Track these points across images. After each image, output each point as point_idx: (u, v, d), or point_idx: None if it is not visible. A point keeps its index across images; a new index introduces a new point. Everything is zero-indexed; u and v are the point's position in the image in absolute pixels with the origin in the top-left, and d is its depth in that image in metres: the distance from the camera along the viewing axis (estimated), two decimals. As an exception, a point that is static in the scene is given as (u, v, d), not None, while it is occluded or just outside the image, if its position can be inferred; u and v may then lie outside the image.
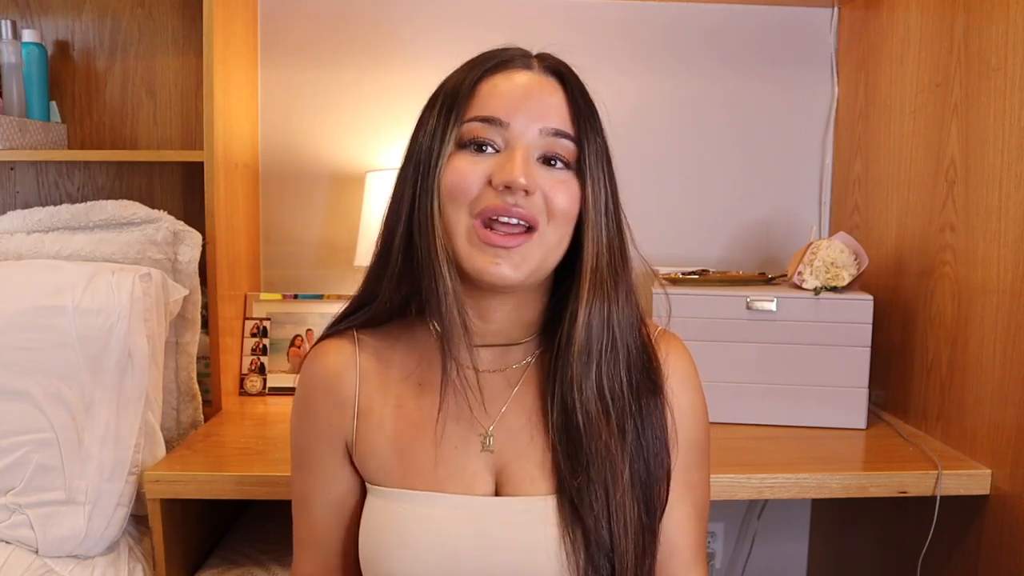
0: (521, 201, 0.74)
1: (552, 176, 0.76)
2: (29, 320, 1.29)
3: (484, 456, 0.81)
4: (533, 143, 0.76)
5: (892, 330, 1.58)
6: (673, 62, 1.85)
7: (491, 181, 0.74)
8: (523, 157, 0.74)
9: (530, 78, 0.78)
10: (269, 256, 1.85)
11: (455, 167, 0.76)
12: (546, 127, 0.76)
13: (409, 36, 1.81)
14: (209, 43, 1.50)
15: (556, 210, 0.76)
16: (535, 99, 0.76)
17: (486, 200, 0.75)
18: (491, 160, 0.75)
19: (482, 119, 0.76)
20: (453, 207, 0.76)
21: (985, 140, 1.30)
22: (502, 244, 0.74)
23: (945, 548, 1.37)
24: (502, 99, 0.76)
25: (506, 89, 0.77)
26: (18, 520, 1.22)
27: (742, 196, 1.89)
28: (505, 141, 0.76)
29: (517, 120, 0.75)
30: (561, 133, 0.76)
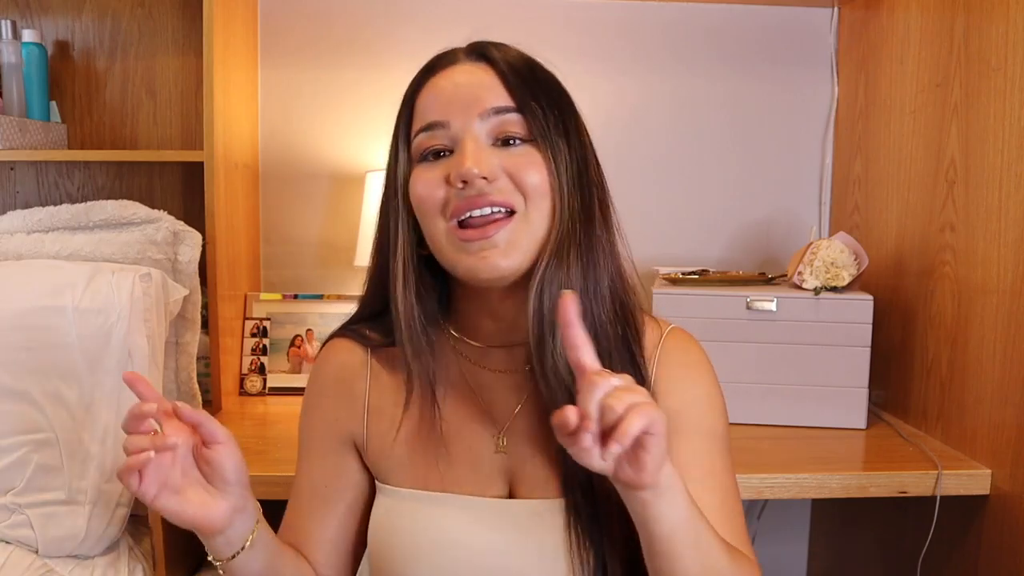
0: (485, 189, 0.73)
1: (511, 154, 0.75)
2: (29, 320, 1.29)
3: (498, 458, 0.81)
4: (479, 130, 0.75)
5: (892, 330, 1.58)
6: (673, 62, 1.85)
7: (449, 179, 0.74)
8: (472, 147, 0.74)
9: (456, 72, 0.78)
10: (269, 256, 1.85)
11: (418, 180, 0.77)
12: (484, 110, 0.75)
13: (409, 36, 1.81)
14: (209, 43, 1.50)
15: (528, 186, 0.74)
16: (465, 89, 0.76)
17: (453, 201, 0.74)
18: (447, 161, 0.76)
19: (424, 128, 0.77)
20: (428, 219, 0.76)
21: (985, 140, 1.30)
22: (480, 236, 0.73)
23: (945, 548, 1.37)
24: (436, 102, 0.77)
25: (437, 91, 0.77)
26: (18, 520, 1.22)
27: (742, 196, 1.89)
28: (452, 140, 0.76)
29: (454, 115, 0.75)
30: (502, 109, 0.75)
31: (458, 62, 0.79)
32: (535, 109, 0.75)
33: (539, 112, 0.75)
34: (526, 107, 0.75)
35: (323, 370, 0.87)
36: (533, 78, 0.78)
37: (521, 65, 0.78)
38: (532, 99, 0.76)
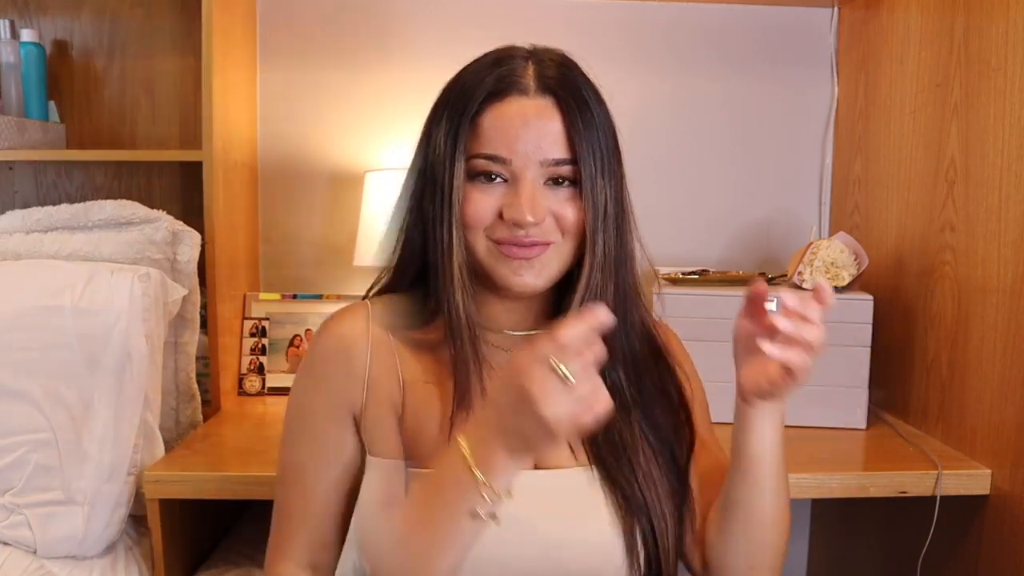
0: (532, 231, 0.80)
1: (558, 196, 0.82)
2: (28, 320, 1.29)
3: None
4: (536, 173, 0.81)
5: (892, 330, 1.58)
6: (673, 62, 1.85)
7: (502, 215, 0.81)
8: (528, 192, 0.80)
9: (525, 106, 0.81)
10: (268, 256, 1.85)
11: (471, 199, 0.82)
12: (545, 159, 0.80)
13: (408, 36, 1.81)
14: (208, 43, 1.50)
15: (568, 225, 0.82)
16: (534, 133, 0.80)
17: (500, 231, 0.81)
18: (500, 191, 0.82)
19: (486, 156, 0.81)
20: (472, 233, 0.83)
21: (985, 140, 1.30)
22: (523, 256, 0.81)
23: (945, 548, 1.37)
24: (503, 136, 0.80)
25: (504, 123, 0.81)
26: (16, 520, 1.22)
27: (742, 196, 1.89)
28: (511, 173, 0.81)
29: (517, 156, 0.80)
30: (559, 161, 0.81)
31: (528, 94, 0.81)
32: (587, 159, 0.81)
33: (589, 161, 0.81)
34: (581, 159, 0.81)
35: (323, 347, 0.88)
36: (592, 122, 0.82)
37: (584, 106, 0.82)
38: (587, 149, 0.81)
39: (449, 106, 0.84)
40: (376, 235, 1.66)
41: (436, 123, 0.84)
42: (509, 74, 0.82)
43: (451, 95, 0.84)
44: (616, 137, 0.85)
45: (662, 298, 1.51)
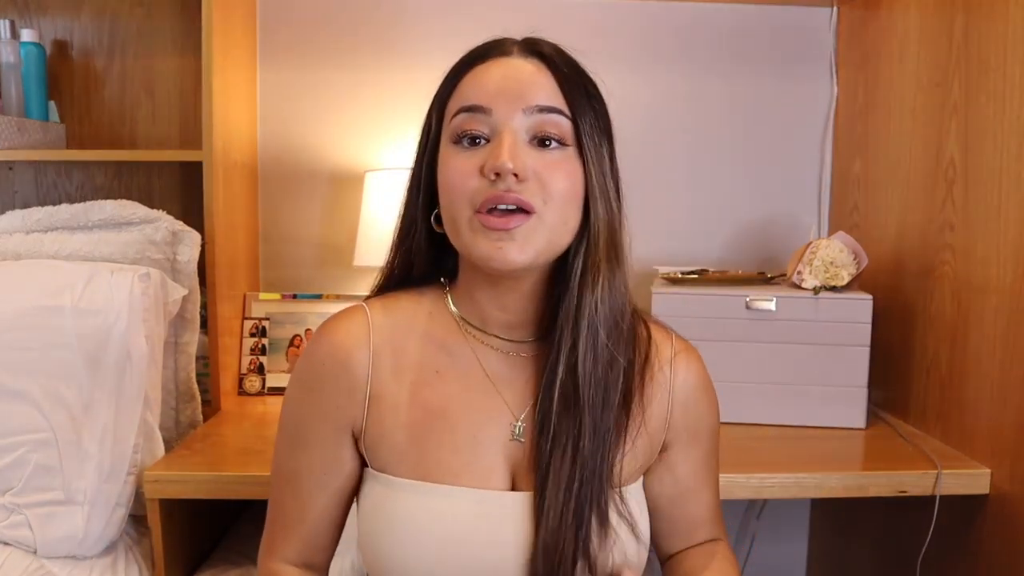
0: (513, 186, 0.74)
1: (545, 158, 0.76)
2: (28, 320, 1.29)
3: (511, 447, 0.81)
4: (520, 125, 0.75)
5: (892, 330, 1.58)
6: (671, 62, 1.85)
7: (483, 170, 0.75)
8: (510, 140, 0.74)
9: (509, 62, 0.78)
10: (268, 256, 1.85)
11: (450, 164, 0.77)
12: (529, 106, 0.75)
13: (409, 36, 1.81)
14: (208, 42, 1.50)
15: (552, 191, 0.75)
16: (515, 81, 0.76)
17: (482, 191, 0.75)
18: (483, 151, 0.76)
19: (465, 109, 0.76)
20: (455, 203, 0.76)
21: (984, 140, 1.30)
22: (502, 226, 0.74)
23: (945, 548, 1.37)
24: (483, 87, 0.77)
25: (486, 77, 0.77)
26: (16, 520, 1.22)
27: (741, 195, 1.89)
28: (492, 129, 0.76)
29: (498, 105, 0.75)
30: (547, 108, 0.76)
31: (511, 54, 0.79)
32: (586, 115, 0.76)
33: (588, 119, 0.77)
34: (578, 112, 0.76)
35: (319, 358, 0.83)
36: (582, 85, 0.79)
37: (574, 71, 0.79)
38: (582, 104, 0.77)
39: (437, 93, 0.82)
40: (376, 235, 1.67)
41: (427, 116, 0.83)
42: (492, 44, 0.80)
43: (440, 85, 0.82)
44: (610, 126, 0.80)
45: (660, 297, 1.51)
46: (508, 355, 0.83)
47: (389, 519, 0.79)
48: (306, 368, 0.84)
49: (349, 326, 0.83)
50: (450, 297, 0.85)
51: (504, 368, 0.83)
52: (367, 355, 0.81)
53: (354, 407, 0.82)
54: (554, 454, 0.78)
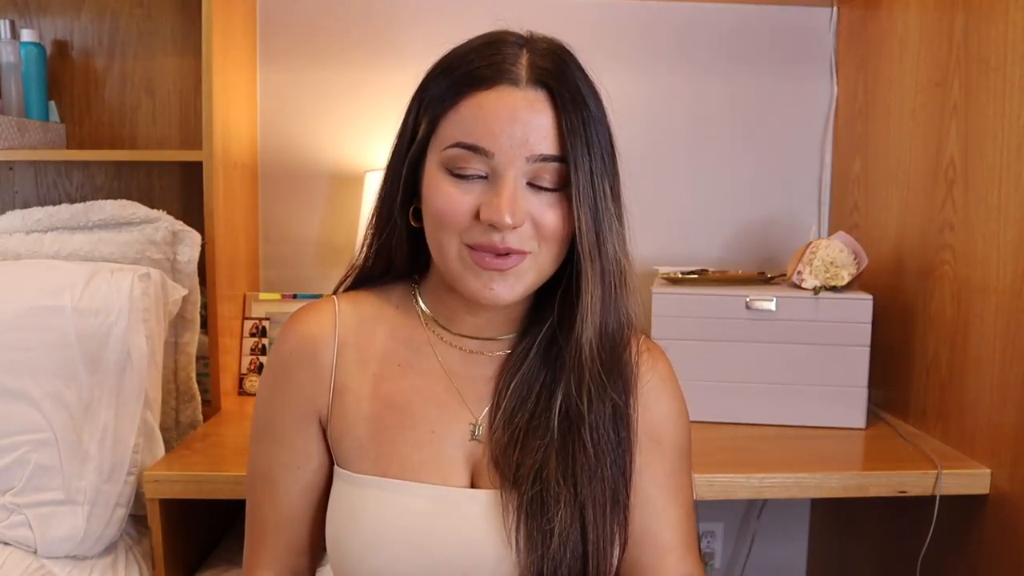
0: (508, 236, 0.73)
1: (540, 200, 0.74)
2: (28, 320, 1.29)
3: (470, 446, 0.80)
4: (520, 171, 0.73)
5: (892, 330, 1.58)
6: (671, 62, 1.85)
7: (479, 215, 0.73)
8: (509, 192, 0.72)
9: (515, 97, 0.73)
10: (268, 256, 1.85)
11: (443, 192, 0.74)
12: (532, 155, 0.72)
13: (409, 35, 1.81)
14: (208, 43, 1.50)
15: (547, 233, 0.74)
16: (520, 124, 0.72)
17: (475, 235, 0.73)
18: (478, 188, 0.73)
19: (466, 146, 0.73)
20: (444, 233, 0.75)
21: (984, 139, 1.30)
22: (496, 267, 0.74)
23: (945, 548, 1.37)
24: (486, 126, 0.72)
25: (489, 113, 0.72)
26: (16, 520, 1.22)
27: (741, 195, 1.89)
28: (491, 169, 0.73)
29: (501, 150, 0.72)
30: (547, 158, 0.73)
31: (518, 84, 0.73)
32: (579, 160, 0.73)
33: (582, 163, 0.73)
34: (571, 158, 0.73)
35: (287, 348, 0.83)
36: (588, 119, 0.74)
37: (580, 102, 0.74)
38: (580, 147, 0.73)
39: (428, 89, 0.78)
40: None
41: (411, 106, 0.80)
42: (500, 61, 0.74)
43: (432, 78, 0.79)
44: (612, 137, 0.78)
45: (660, 298, 1.51)
46: (470, 354, 0.83)
47: (351, 517, 0.78)
48: (274, 360, 0.84)
49: (317, 317, 0.83)
50: (418, 293, 0.85)
51: (465, 367, 0.82)
52: (332, 345, 0.81)
53: (319, 396, 0.81)
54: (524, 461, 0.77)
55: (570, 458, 0.77)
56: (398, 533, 0.77)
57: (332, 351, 0.81)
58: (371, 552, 0.77)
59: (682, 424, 0.86)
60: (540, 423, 0.79)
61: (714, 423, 1.50)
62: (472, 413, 0.81)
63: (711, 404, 1.49)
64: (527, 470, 0.77)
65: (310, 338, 0.82)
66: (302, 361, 0.82)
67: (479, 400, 0.82)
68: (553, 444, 0.77)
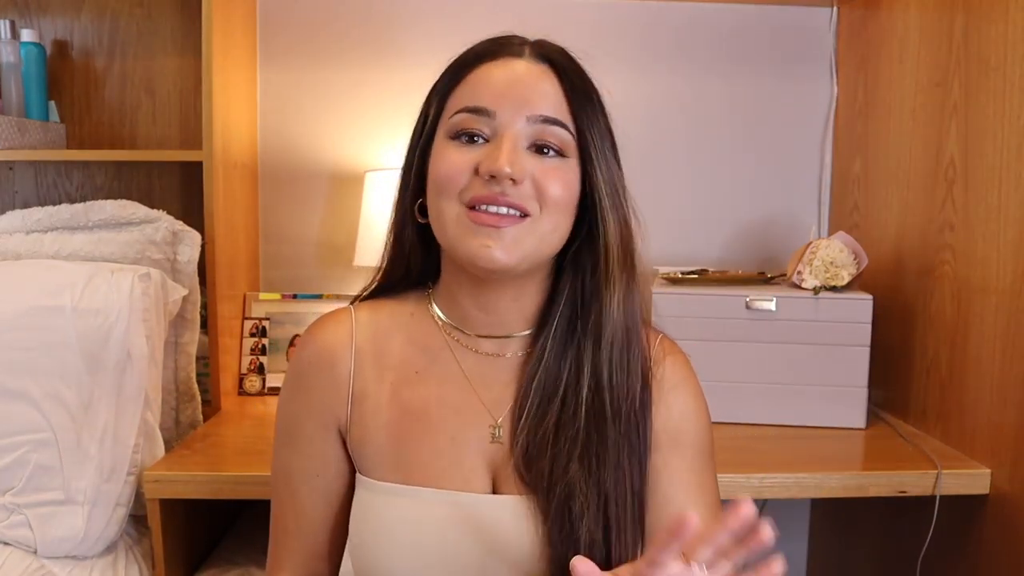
0: (508, 190, 0.73)
1: (543, 164, 0.75)
2: (28, 320, 1.29)
3: (491, 449, 0.80)
4: (521, 131, 0.75)
5: (892, 330, 1.58)
6: (671, 62, 1.85)
7: (478, 170, 0.74)
8: (510, 146, 0.74)
9: (518, 66, 0.77)
10: (268, 256, 1.85)
11: (445, 157, 0.76)
12: (533, 114, 0.75)
13: (409, 36, 1.81)
14: (208, 43, 1.50)
15: (548, 197, 0.75)
16: (522, 87, 0.75)
17: (474, 189, 0.74)
18: (480, 150, 0.75)
19: (469, 109, 0.75)
20: (444, 197, 0.76)
21: (984, 139, 1.30)
22: (493, 223, 0.73)
23: (945, 548, 1.37)
24: (489, 89, 0.76)
25: (493, 79, 0.76)
26: (16, 520, 1.22)
27: (741, 195, 1.89)
28: (493, 131, 0.75)
29: (504, 109, 0.75)
30: (551, 120, 0.75)
31: (521, 56, 0.77)
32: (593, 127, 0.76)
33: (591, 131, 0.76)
34: (584, 124, 0.76)
35: (306, 355, 0.84)
36: (588, 97, 0.77)
37: (584, 79, 0.78)
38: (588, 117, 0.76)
39: (437, 83, 0.81)
40: (376, 235, 1.67)
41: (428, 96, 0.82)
42: (503, 42, 0.79)
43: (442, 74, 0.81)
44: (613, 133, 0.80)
45: (661, 297, 1.51)
46: (487, 356, 0.82)
47: (373, 524, 0.79)
48: (294, 369, 0.85)
49: (334, 327, 0.84)
50: (432, 298, 0.85)
51: (482, 370, 0.82)
52: (349, 355, 0.82)
53: (338, 405, 0.82)
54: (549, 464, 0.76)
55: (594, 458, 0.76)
56: (422, 539, 0.76)
57: (349, 360, 0.82)
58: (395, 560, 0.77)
59: (702, 422, 0.84)
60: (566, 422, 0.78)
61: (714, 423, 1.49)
62: (492, 416, 0.81)
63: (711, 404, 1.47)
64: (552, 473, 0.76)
65: (328, 347, 0.83)
66: (320, 370, 0.83)
67: (499, 403, 0.81)
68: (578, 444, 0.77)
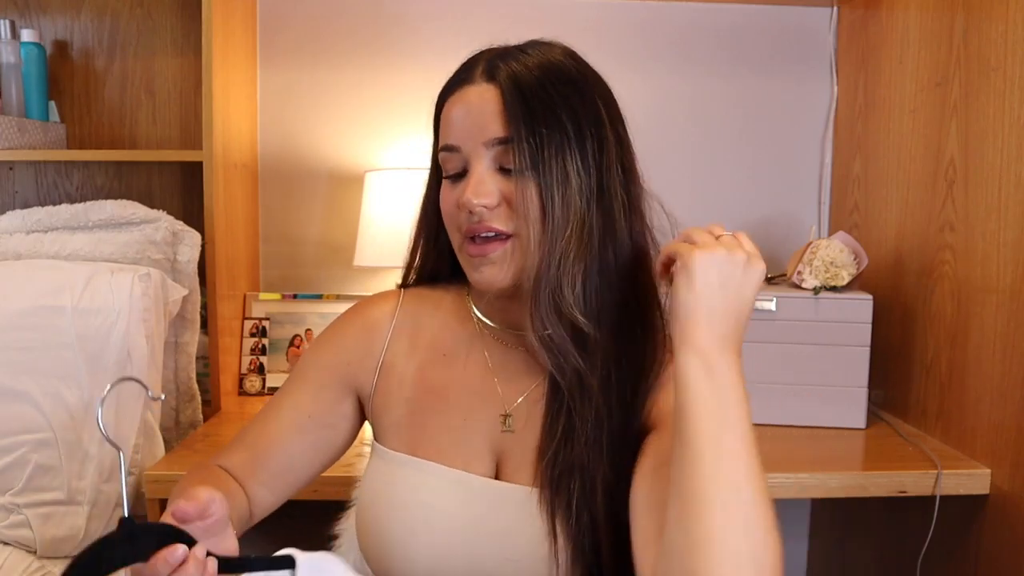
0: (485, 216, 0.78)
1: (509, 182, 0.78)
2: (28, 320, 1.29)
3: (500, 437, 0.83)
4: (485, 157, 0.78)
5: (892, 329, 1.58)
6: (670, 62, 1.85)
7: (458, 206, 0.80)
8: (476, 178, 0.78)
9: (470, 94, 0.79)
10: (268, 256, 1.85)
11: (443, 196, 0.83)
12: (487, 140, 0.78)
13: (409, 36, 1.81)
14: (208, 43, 1.50)
15: (523, 213, 0.77)
16: (475, 115, 0.78)
17: (464, 224, 0.80)
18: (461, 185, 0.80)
19: (445, 148, 0.81)
20: (451, 231, 0.83)
21: (984, 139, 1.30)
22: (479, 252, 0.79)
23: (945, 548, 1.37)
24: (451, 125, 0.80)
25: (453, 114, 0.80)
26: (17, 520, 1.22)
27: (742, 195, 1.89)
28: (464, 163, 0.80)
29: (464, 142, 0.79)
30: (500, 140, 0.77)
31: (473, 82, 0.80)
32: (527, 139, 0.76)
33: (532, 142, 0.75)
34: (517, 138, 0.76)
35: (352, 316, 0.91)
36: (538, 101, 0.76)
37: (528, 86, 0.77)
38: (526, 128, 0.76)
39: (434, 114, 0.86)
40: (376, 235, 1.67)
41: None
42: (465, 68, 0.82)
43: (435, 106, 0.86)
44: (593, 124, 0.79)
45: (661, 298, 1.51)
46: (511, 348, 0.86)
47: (379, 489, 0.83)
48: (333, 327, 0.92)
49: (381, 302, 0.91)
50: (470, 292, 0.90)
51: (505, 361, 0.85)
52: (388, 329, 0.88)
53: (366, 372, 0.88)
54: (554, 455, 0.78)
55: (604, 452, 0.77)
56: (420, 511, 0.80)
57: (386, 334, 0.88)
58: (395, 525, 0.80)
59: None
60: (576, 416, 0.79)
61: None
62: (505, 405, 0.84)
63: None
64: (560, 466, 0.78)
65: (370, 316, 0.90)
66: (358, 334, 0.89)
67: (514, 393, 0.84)
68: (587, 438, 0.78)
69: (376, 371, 0.87)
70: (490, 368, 0.85)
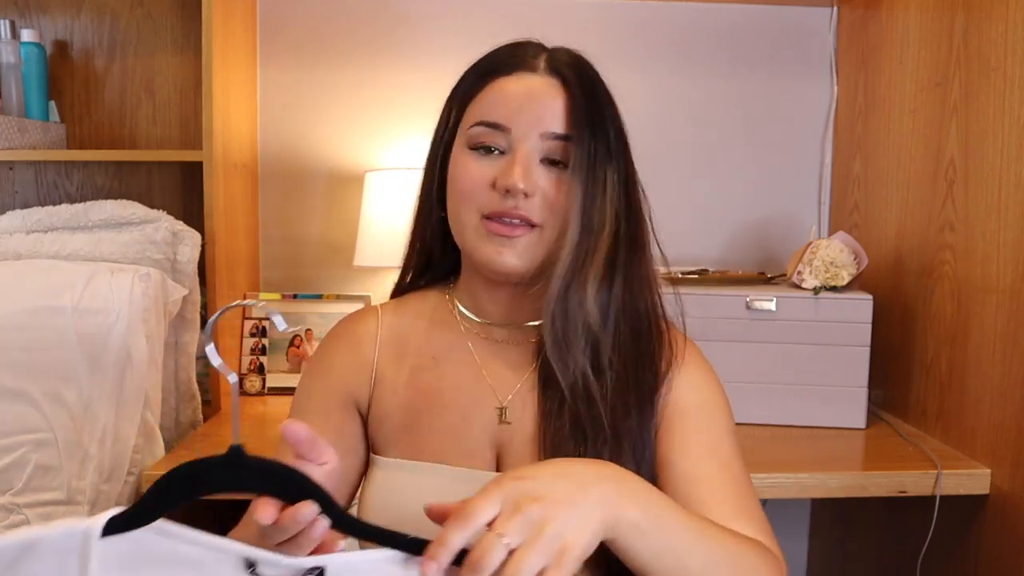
0: (521, 203, 0.78)
1: (551, 176, 0.80)
2: (28, 320, 1.29)
3: (498, 430, 0.83)
4: (534, 147, 0.79)
5: (891, 330, 1.58)
6: (670, 62, 1.85)
7: (495, 184, 0.79)
8: (523, 162, 0.79)
9: (533, 81, 0.81)
10: (268, 256, 1.85)
11: (465, 167, 0.81)
12: (545, 131, 0.79)
13: (410, 36, 1.81)
14: (208, 42, 1.50)
15: (555, 209, 0.80)
16: (536, 105, 0.79)
17: (491, 203, 0.79)
18: (496, 163, 0.80)
19: (487, 124, 0.80)
20: (463, 206, 0.81)
21: (984, 139, 1.30)
22: (506, 233, 0.79)
23: (945, 548, 1.37)
24: (505, 105, 0.80)
25: (509, 94, 0.80)
26: (16, 520, 1.22)
27: (741, 195, 1.89)
28: (508, 144, 0.80)
29: (518, 125, 0.79)
30: (558, 136, 0.79)
31: (537, 71, 0.81)
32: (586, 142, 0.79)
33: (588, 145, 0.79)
34: (579, 139, 0.79)
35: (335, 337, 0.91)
36: (593, 111, 0.80)
37: (593, 92, 0.81)
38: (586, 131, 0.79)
39: (458, 86, 0.85)
40: (376, 235, 1.67)
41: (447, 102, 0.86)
42: (522, 54, 0.82)
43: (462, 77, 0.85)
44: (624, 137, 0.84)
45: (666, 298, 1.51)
46: (500, 343, 0.87)
47: (381, 499, 0.83)
48: (319, 352, 0.92)
49: (362, 319, 0.91)
50: (453, 292, 0.91)
51: (495, 356, 0.86)
52: (374, 344, 0.88)
53: (361, 384, 0.88)
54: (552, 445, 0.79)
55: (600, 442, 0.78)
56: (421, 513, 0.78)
57: (374, 348, 0.88)
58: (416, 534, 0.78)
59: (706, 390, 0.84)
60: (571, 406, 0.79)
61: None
62: (498, 398, 0.84)
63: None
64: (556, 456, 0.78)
65: (355, 332, 0.90)
66: (346, 352, 0.89)
67: (507, 386, 0.85)
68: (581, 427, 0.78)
69: (370, 382, 0.87)
70: (479, 365, 0.86)
